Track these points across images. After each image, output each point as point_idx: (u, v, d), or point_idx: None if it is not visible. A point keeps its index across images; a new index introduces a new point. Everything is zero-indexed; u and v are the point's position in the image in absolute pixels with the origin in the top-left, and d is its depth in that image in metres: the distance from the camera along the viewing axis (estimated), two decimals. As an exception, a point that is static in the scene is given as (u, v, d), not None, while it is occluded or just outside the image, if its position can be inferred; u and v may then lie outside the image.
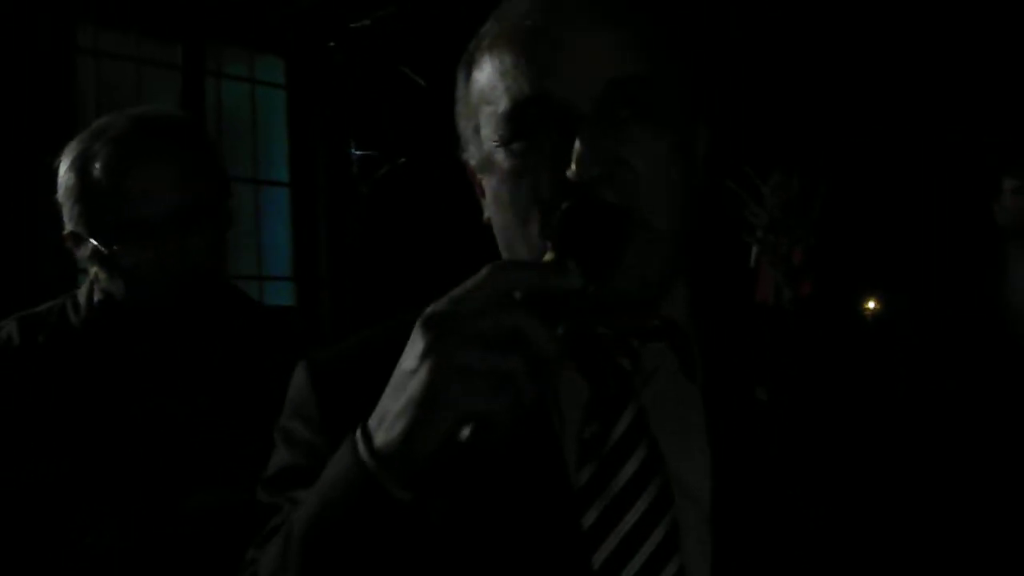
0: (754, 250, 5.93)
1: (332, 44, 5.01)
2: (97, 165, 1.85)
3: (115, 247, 1.85)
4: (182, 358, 1.93)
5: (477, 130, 1.20)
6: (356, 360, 1.24)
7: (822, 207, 5.84)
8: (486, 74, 1.17)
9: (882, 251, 5.75)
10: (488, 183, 1.20)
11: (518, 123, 1.14)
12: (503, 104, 1.14)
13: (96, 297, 1.95)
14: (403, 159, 4.96)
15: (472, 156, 1.22)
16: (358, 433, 1.02)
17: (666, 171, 1.14)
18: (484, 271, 0.98)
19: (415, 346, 0.97)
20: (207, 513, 1.85)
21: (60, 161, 1.90)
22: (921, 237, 5.59)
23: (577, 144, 1.09)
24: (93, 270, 1.94)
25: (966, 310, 2.76)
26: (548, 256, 1.03)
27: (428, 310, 0.98)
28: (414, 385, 0.96)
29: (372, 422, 1.01)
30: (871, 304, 5.90)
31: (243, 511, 1.86)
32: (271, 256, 5.13)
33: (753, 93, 5.68)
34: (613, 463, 1.14)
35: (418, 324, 0.98)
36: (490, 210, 1.21)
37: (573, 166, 1.09)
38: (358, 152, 5.05)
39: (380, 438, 0.99)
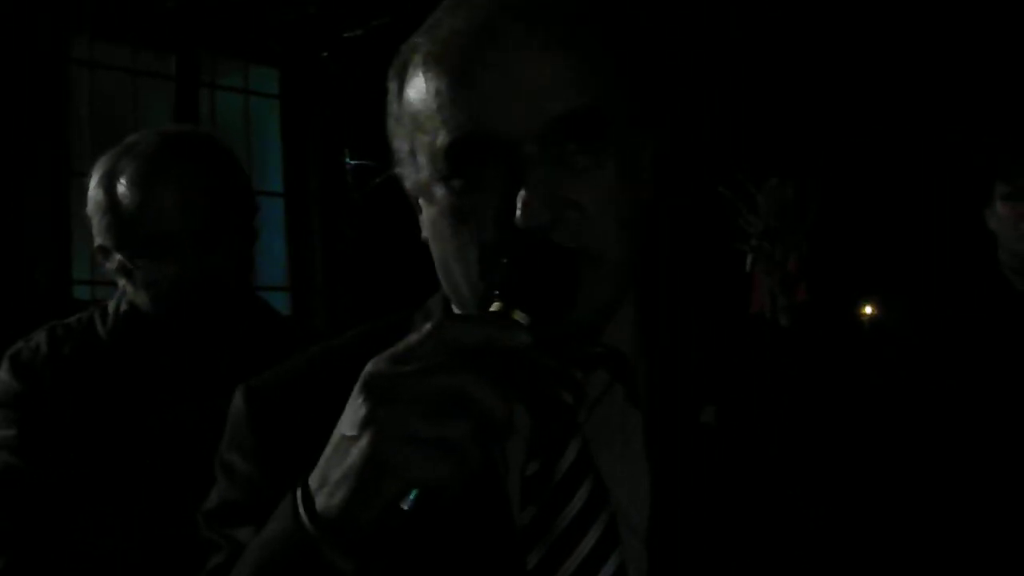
0: (749, 258, 5.94)
1: (326, 54, 5.01)
2: (123, 180, 1.89)
3: (138, 261, 1.88)
4: (202, 369, 1.95)
5: (412, 154, 1.13)
6: (294, 386, 1.20)
7: (816, 214, 5.85)
8: (420, 97, 1.09)
9: (877, 257, 5.76)
10: (426, 210, 1.15)
11: (457, 160, 1.07)
12: (441, 138, 1.07)
13: (123, 308, 1.99)
14: (397, 169, 4.96)
15: (407, 178, 1.17)
16: (299, 494, 0.97)
17: (615, 201, 1.08)
18: (428, 327, 0.93)
19: (356, 411, 0.92)
20: None
21: (91, 176, 1.93)
22: (916, 242, 5.60)
23: (523, 191, 1.02)
24: (121, 282, 1.96)
25: (962, 314, 2.77)
26: (495, 306, 0.98)
27: (369, 368, 0.93)
28: (355, 454, 0.91)
29: (312, 483, 0.97)
30: (868, 309, 5.91)
31: None
32: (266, 266, 5.12)
33: (747, 99, 5.69)
34: (557, 501, 1.09)
35: (359, 386, 0.93)
36: (428, 234, 1.16)
37: (519, 213, 1.02)
38: (352, 162, 5.05)
39: (321, 503, 0.95)
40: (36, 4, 3.95)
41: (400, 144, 1.16)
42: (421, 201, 1.17)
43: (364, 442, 0.91)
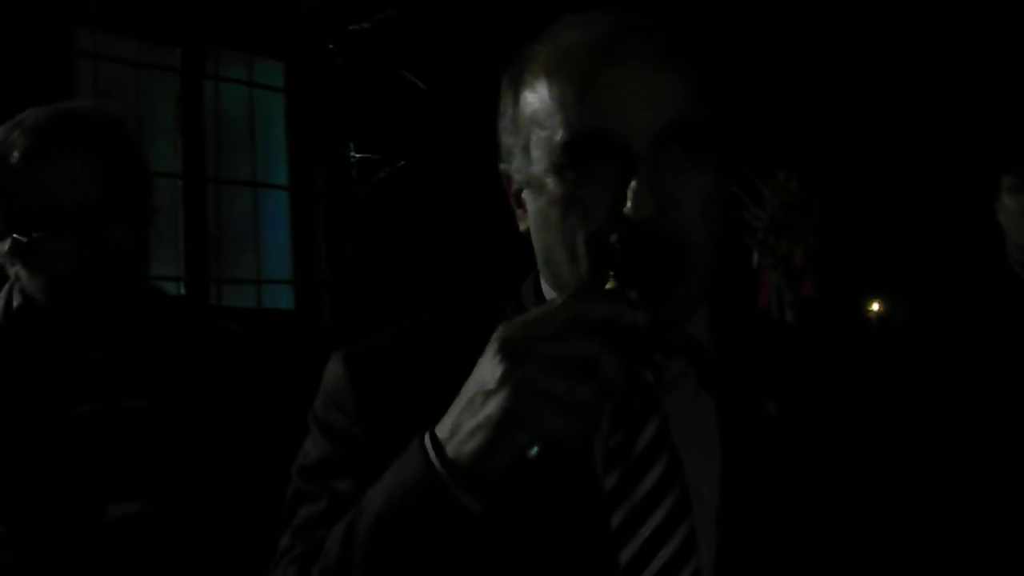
0: (755, 252, 5.93)
1: (331, 47, 5.00)
2: (15, 155, 1.82)
3: (34, 235, 1.82)
4: (107, 364, 1.89)
5: (526, 149, 1.25)
6: (391, 354, 1.31)
7: (822, 208, 5.84)
8: (541, 99, 1.22)
9: (884, 252, 5.74)
10: (533, 201, 1.26)
11: (574, 155, 1.20)
12: (560, 134, 1.20)
13: (16, 302, 1.91)
14: (402, 162, 4.95)
15: (517, 171, 1.28)
16: (427, 442, 1.09)
17: (710, 205, 1.21)
18: (557, 300, 1.07)
19: (493, 367, 1.04)
20: (130, 523, 1.82)
21: None
22: (923, 236, 5.58)
23: (634, 183, 1.16)
24: (13, 271, 1.90)
25: (970, 308, 2.76)
26: (610, 285, 1.09)
27: (503, 332, 1.05)
28: (493, 405, 1.03)
29: (442, 433, 1.08)
30: (875, 306, 5.90)
31: (166, 521, 1.84)
32: (270, 259, 5.12)
33: (752, 94, 5.67)
34: (638, 470, 1.21)
35: (494, 346, 1.04)
36: (533, 225, 1.27)
37: (629, 203, 1.15)
38: (357, 155, 5.04)
39: (452, 449, 1.07)
40: (40, -4, 3.94)
41: (512, 141, 1.28)
42: (527, 194, 1.27)
43: (503, 395, 1.02)
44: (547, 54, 1.25)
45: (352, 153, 5.05)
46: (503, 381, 1.03)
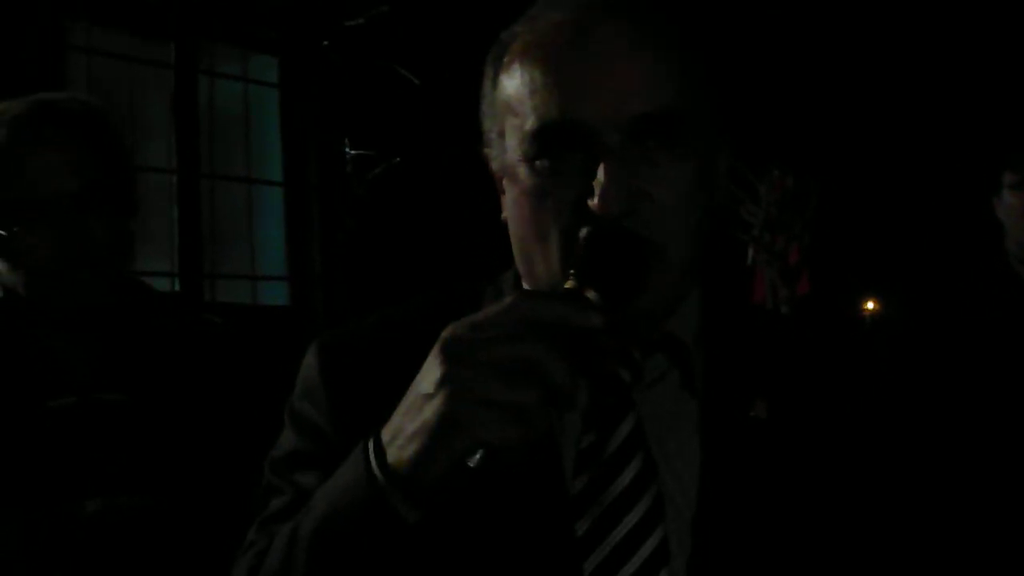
0: (750, 248, 5.93)
1: (326, 43, 4.99)
2: None
3: (13, 228, 1.80)
4: (86, 357, 1.88)
5: (501, 135, 1.19)
6: (364, 345, 1.25)
7: (818, 205, 5.84)
8: (515, 84, 1.16)
9: (880, 249, 5.74)
10: (509, 191, 1.20)
11: (543, 143, 1.13)
12: (530, 121, 1.13)
13: None
14: (397, 158, 4.95)
15: (494, 158, 1.22)
16: (370, 444, 1.04)
17: (688, 201, 1.14)
18: (507, 300, 1.00)
19: (433, 370, 0.98)
20: (103, 517, 1.81)
21: None
22: (920, 233, 5.58)
23: (601, 176, 1.09)
24: None
25: (969, 305, 2.75)
26: (569, 284, 1.04)
27: (448, 332, 0.99)
28: (429, 411, 0.98)
29: (385, 436, 1.03)
30: (870, 304, 5.90)
31: (139, 516, 1.83)
32: (265, 255, 5.11)
33: (749, 90, 5.67)
34: (608, 473, 1.15)
35: (437, 348, 0.99)
36: (508, 216, 1.21)
37: (596, 199, 1.09)
38: (352, 151, 5.03)
39: (392, 455, 1.01)
40: (33, -10, 3.93)
41: (491, 126, 1.22)
42: (505, 182, 1.21)
43: (440, 400, 0.97)
44: (523, 35, 1.18)
45: (347, 149, 5.04)
46: (441, 385, 0.97)
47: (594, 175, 1.09)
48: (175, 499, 1.84)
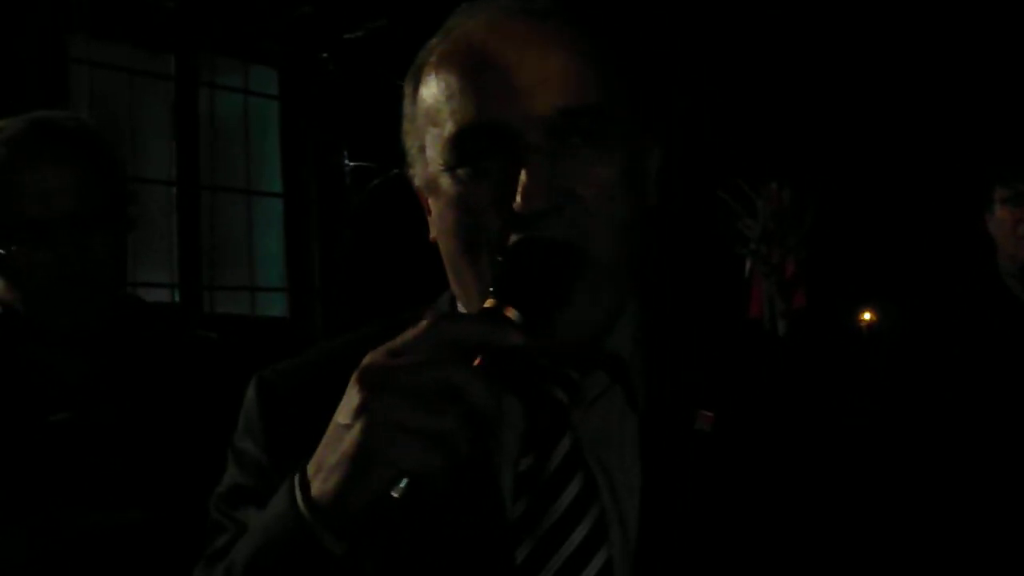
0: (747, 262, 5.94)
1: (325, 55, 5.01)
2: None
3: (12, 248, 1.81)
4: (83, 373, 1.89)
5: (422, 150, 1.15)
6: (307, 378, 1.22)
7: (814, 219, 5.85)
8: (432, 93, 1.13)
9: (876, 263, 5.76)
10: (434, 205, 1.16)
11: (464, 149, 1.09)
12: (449, 128, 1.09)
13: None
14: (396, 170, 4.95)
15: (417, 176, 1.18)
16: (296, 479, 1.01)
17: (616, 200, 1.09)
18: (424, 323, 0.96)
19: (351, 400, 0.95)
20: (99, 534, 1.82)
21: None
22: (915, 248, 5.60)
23: (524, 176, 1.05)
24: None
25: (962, 320, 2.76)
26: (488, 302, 0.99)
27: (365, 360, 0.96)
28: (348, 441, 0.94)
29: (310, 469, 1.00)
30: (867, 316, 5.91)
31: (131, 531, 1.84)
32: (264, 267, 5.12)
33: (745, 105, 5.69)
34: (547, 496, 1.11)
35: (354, 377, 0.96)
36: (436, 232, 1.18)
37: (519, 199, 1.04)
38: (351, 163, 5.05)
39: (316, 488, 0.98)
40: (35, 2, 3.94)
41: (412, 142, 1.18)
42: (430, 199, 1.17)
43: (356, 430, 0.94)
44: (439, 47, 1.14)
45: (346, 161, 5.06)
46: (358, 415, 0.94)
47: (515, 175, 1.05)
48: (170, 514, 1.85)
